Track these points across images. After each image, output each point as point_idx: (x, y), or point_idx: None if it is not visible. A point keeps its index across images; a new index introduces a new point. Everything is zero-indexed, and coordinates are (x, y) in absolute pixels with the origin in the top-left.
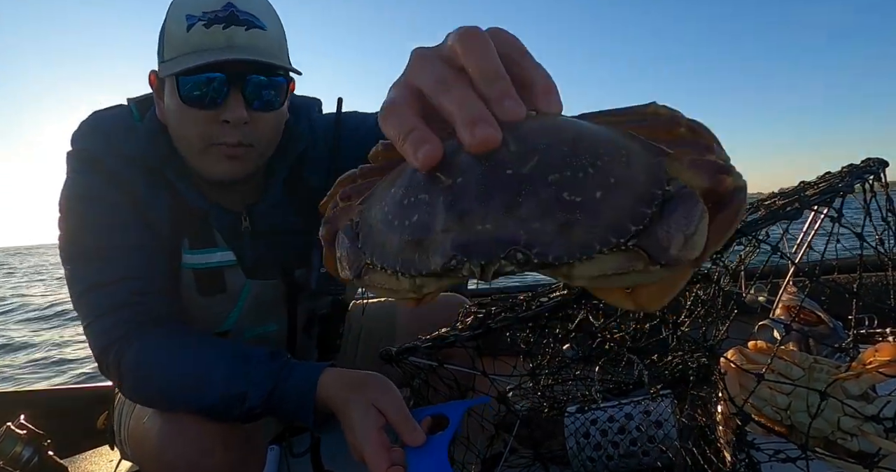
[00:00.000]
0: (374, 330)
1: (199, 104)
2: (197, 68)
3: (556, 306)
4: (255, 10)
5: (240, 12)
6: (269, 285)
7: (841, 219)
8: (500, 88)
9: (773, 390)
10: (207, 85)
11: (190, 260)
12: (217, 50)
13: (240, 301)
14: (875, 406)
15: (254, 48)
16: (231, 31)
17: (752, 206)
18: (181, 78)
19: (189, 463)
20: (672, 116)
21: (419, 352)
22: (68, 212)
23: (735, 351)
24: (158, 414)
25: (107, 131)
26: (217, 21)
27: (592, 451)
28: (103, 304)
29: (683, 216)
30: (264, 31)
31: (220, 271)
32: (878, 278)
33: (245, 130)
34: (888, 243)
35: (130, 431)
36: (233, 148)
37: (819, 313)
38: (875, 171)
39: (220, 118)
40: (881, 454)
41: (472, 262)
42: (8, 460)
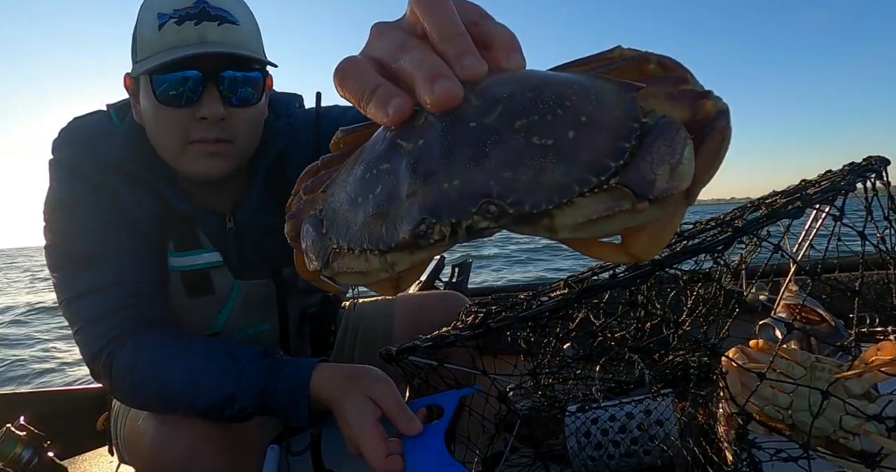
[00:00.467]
0: (371, 329)
1: (176, 103)
2: (171, 65)
3: (557, 305)
4: (226, 5)
5: (211, 8)
6: (258, 285)
7: (843, 217)
8: (459, 44)
9: (775, 389)
10: (182, 83)
11: (176, 263)
12: (190, 46)
13: (229, 302)
14: (877, 405)
15: (227, 43)
16: (203, 26)
17: (753, 204)
18: (156, 77)
19: (182, 466)
20: (640, 54)
21: (419, 351)
22: (54, 220)
23: (736, 350)
24: (152, 416)
25: (85, 138)
26: (189, 18)
27: (593, 450)
28: (96, 309)
29: (665, 145)
30: (237, 26)
31: (206, 272)
32: (880, 277)
33: (223, 126)
34: (890, 242)
35: (126, 434)
36: (211, 145)
37: (821, 311)
38: (877, 169)
39: (196, 116)
40: (883, 454)
41: (441, 223)
42: (8, 461)
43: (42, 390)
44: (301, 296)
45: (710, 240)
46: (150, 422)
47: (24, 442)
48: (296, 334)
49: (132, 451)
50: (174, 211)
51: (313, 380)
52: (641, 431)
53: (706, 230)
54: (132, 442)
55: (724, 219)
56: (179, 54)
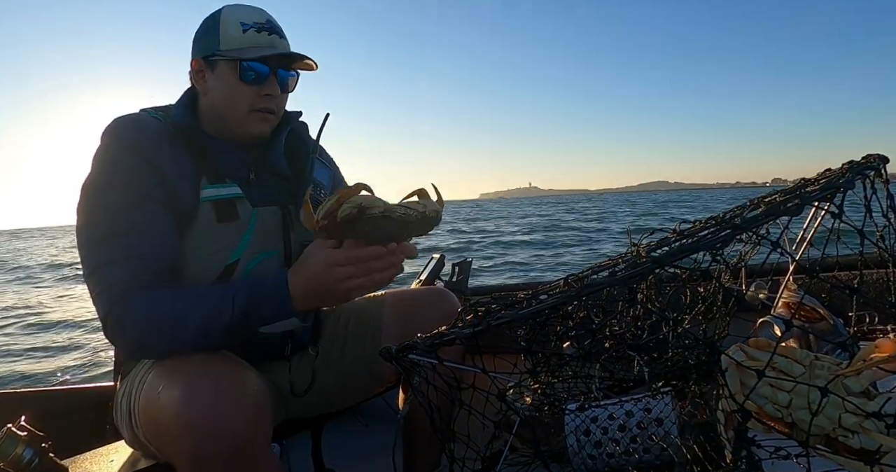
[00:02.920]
0: (362, 323)
1: (253, 80)
2: (256, 59)
3: (557, 302)
4: (279, 26)
5: (275, 26)
6: (271, 212)
7: (842, 215)
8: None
9: (774, 387)
10: (259, 71)
11: (208, 193)
12: (266, 48)
13: (249, 228)
14: (876, 403)
15: (284, 50)
16: (273, 37)
17: (752, 202)
18: (242, 63)
19: (207, 421)
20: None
21: (418, 349)
22: (89, 199)
23: (736, 348)
24: (170, 385)
25: (133, 120)
26: (265, 29)
27: (593, 448)
28: (114, 275)
29: None
30: (286, 41)
31: (232, 201)
32: (879, 275)
33: (274, 102)
34: (889, 240)
35: (142, 408)
36: (266, 114)
37: (820, 309)
38: (876, 167)
39: (262, 92)
40: (882, 451)
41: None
42: (9, 461)
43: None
44: (301, 228)
45: (708, 238)
46: (170, 391)
47: (25, 442)
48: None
49: (152, 424)
50: (209, 158)
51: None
52: (641, 429)
53: (705, 228)
54: (152, 414)
55: (723, 217)
56: (263, 53)
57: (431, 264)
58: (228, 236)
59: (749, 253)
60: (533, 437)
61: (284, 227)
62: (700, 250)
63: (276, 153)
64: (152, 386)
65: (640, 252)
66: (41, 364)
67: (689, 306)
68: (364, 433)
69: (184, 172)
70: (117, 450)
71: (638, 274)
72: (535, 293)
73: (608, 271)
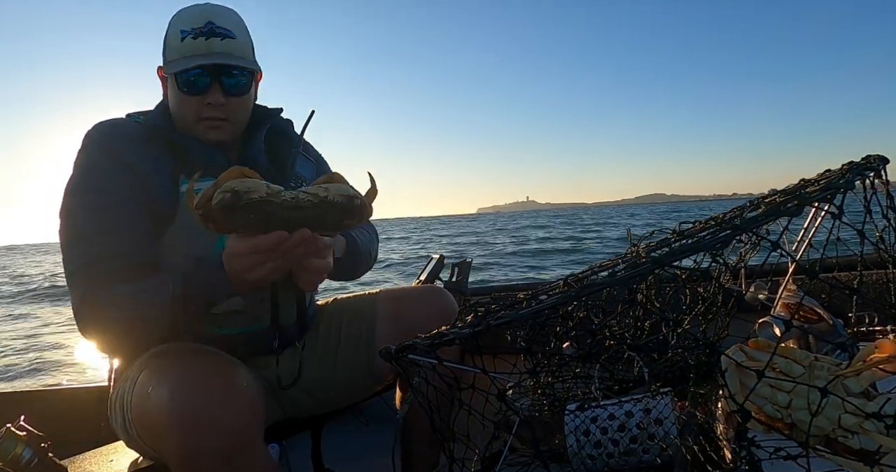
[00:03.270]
0: (354, 323)
1: (191, 93)
2: (186, 70)
3: (557, 302)
4: (228, 25)
5: (217, 28)
6: None
7: (842, 216)
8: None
9: (774, 387)
10: (195, 80)
11: (184, 186)
12: (202, 55)
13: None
14: (876, 404)
15: (226, 53)
16: (211, 41)
17: (752, 203)
18: (178, 75)
19: (197, 418)
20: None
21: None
22: (71, 202)
23: (736, 348)
24: (161, 382)
25: (112, 125)
26: (201, 34)
27: (592, 449)
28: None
29: None
30: (234, 40)
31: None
32: (879, 276)
33: (222, 109)
34: (889, 241)
35: (134, 407)
36: (214, 121)
37: (819, 310)
38: (875, 168)
39: (204, 102)
40: (882, 452)
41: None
42: (8, 461)
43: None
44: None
45: (708, 238)
46: (159, 389)
47: (25, 442)
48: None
49: (143, 420)
50: (186, 159)
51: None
52: (641, 429)
53: (705, 229)
54: (143, 415)
55: (723, 218)
56: (193, 63)
57: (431, 265)
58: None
59: (749, 254)
60: (532, 437)
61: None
62: (700, 251)
63: (255, 150)
64: (143, 385)
65: (640, 253)
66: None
67: (689, 307)
68: (364, 434)
69: (161, 170)
70: (117, 450)
71: (638, 274)
72: (534, 294)
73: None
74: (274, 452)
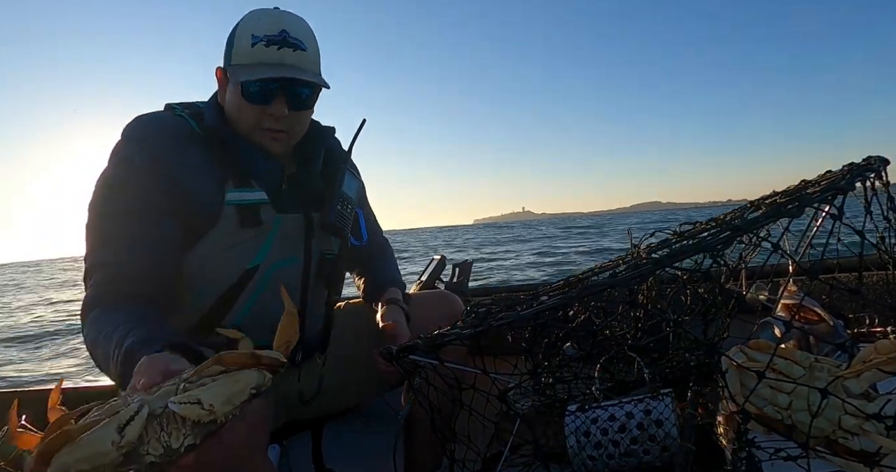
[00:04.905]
0: (370, 326)
1: (255, 101)
2: (255, 80)
3: (558, 303)
4: (301, 35)
5: (291, 37)
6: (293, 219)
7: (842, 217)
8: None
9: (774, 389)
10: (262, 90)
11: (233, 197)
12: (273, 65)
13: (270, 234)
14: (876, 405)
15: (296, 66)
16: (283, 51)
17: (752, 204)
18: (244, 81)
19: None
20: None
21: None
22: (99, 197)
23: (736, 349)
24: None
25: (155, 117)
26: (274, 42)
27: (593, 450)
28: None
29: None
30: (306, 52)
31: (257, 207)
32: (879, 277)
33: (284, 121)
34: (889, 241)
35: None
36: (274, 133)
37: (819, 311)
38: (876, 169)
39: (267, 112)
40: (882, 453)
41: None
42: (9, 461)
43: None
44: (322, 237)
45: (709, 239)
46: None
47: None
48: (315, 273)
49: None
50: (239, 165)
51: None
52: (641, 430)
53: (705, 230)
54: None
55: (724, 219)
56: (263, 74)
57: (432, 266)
58: (250, 240)
59: (750, 255)
60: (533, 438)
61: (307, 235)
62: (701, 252)
63: (314, 174)
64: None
65: (641, 254)
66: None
67: (689, 308)
68: (364, 434)
69: (205, 174)
70: None
71: (638, 275)
72: (535, 295)
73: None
74: (274, 452)
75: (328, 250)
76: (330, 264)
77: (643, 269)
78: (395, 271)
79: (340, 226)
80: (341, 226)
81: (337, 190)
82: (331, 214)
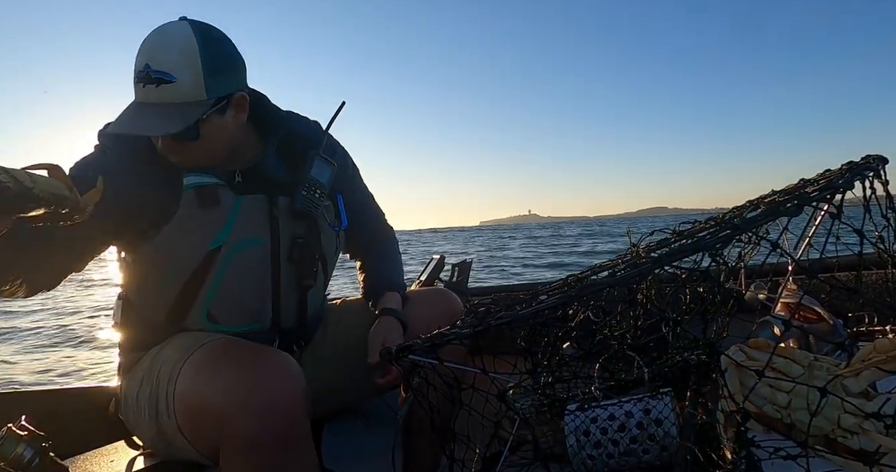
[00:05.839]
0: (364, 323)
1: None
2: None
3: (557, 302)
4: (167, 64)
5: (153, 72)
6: (255, 199)
7: (841, 215)
8: None
9: (774, 387)
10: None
11: (191, 181)
12: (140, 104)
13: (232, 214)
14: (875, 404)
15: (159, 103)
16: (147, 89)
17: (751, 203)
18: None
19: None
20: None
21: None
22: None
23: (735, 348)
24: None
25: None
26: (140, 80)
27: (592, 449)
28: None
29: None
30: (173, 84)
31: (214, 188)
32: (879, 276)
33: (179, 153)
34: (888, 240)
35: (184, 396)
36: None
37: (819, 310)
38: (875, 167)
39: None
40: (881, 452)
41: None
42: (10, 461)
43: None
44: (290, 220)
45: (708, 238)
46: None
47: (26, 442)
48: (287, 257)
49: (196, 414)
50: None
51: None
52: (640, 429)
53: (705, 229)
54: (197, 403)
55: (723, 218)
56: (114, 127)
57: (431, 265)
58: (211, 222)
59: (749, 254)
60: (533, 438)
61: (271, 216)
62: (700, 251)
63: (267, 167)
64: (194, 374)
65: (640, 253)
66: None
67: (688, 307)
68: (364, 434)
69: (166, 167)
70: (118, 450)
71: (638, 274)
72: (534, 294)
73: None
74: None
75: (299, 235)
76: (301, 249)
77: (642, 268)
78: (394, 271)
79: (307, 210)
80: (308, 209)
81: (304, 175)
82: (297, 199)
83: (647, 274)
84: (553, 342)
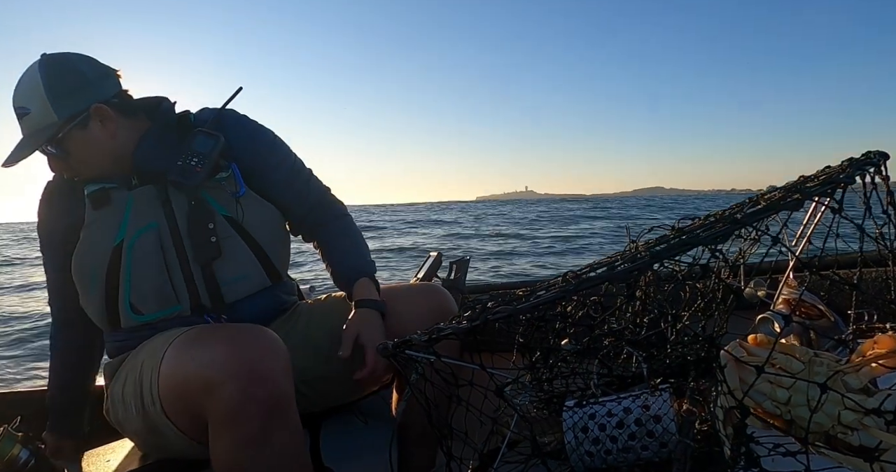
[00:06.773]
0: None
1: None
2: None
3: (555, 296)
4: (24, 98)
5: (16, 108)
6: (144, 191)
7: (841, 211)
8: None
9: (773, 383)
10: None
11: (89, 190)
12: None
13: (126, 209)
14: (875, 400)
15: (28, 133)
16: (20, 123)
17: (751, 200)
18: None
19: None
20: None
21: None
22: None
23: (735, 344)
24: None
25: (54, 180)
26: (17, 115)
27: (591, 445)
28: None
29: None
30: (30, 114)
31: (107, 191)
32: (879, 274)
33: (63, 171)
34: (889, 236)
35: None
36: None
37: (819, 306)
38: (875, 163)
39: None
40: (882, 448)
41: None
42: (5, 462)
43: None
44: (185, 200)
45: (707, 233)
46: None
47: (21, 443)
48: (188, 234)
49: (181, 391)
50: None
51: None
52: (639, 426)
53: (704, 225)
54: (182, 380)
55: (722, 213)
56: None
57: (428, 263)
58: (109, 221)
59: (748, 250)
60: (531, 434)
61: (164, 201)
62: (699, 245)
63: (143, 157)
64: (178, 355)
65: (639, 249)
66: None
67: (688, 303)
68: (363, 432)
69: (73, 189)
70: (114, 450)
71: (636, 268)
72: (533, 290)
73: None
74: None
75: (198, 214)
76: (191, 222)
77: (641, 262)
78: (356, 252)
79: (180, 180)
80: (183, 179)
81: (183, 148)
82: (171, 170)
83: (645, 269)
84: (551, 338)
